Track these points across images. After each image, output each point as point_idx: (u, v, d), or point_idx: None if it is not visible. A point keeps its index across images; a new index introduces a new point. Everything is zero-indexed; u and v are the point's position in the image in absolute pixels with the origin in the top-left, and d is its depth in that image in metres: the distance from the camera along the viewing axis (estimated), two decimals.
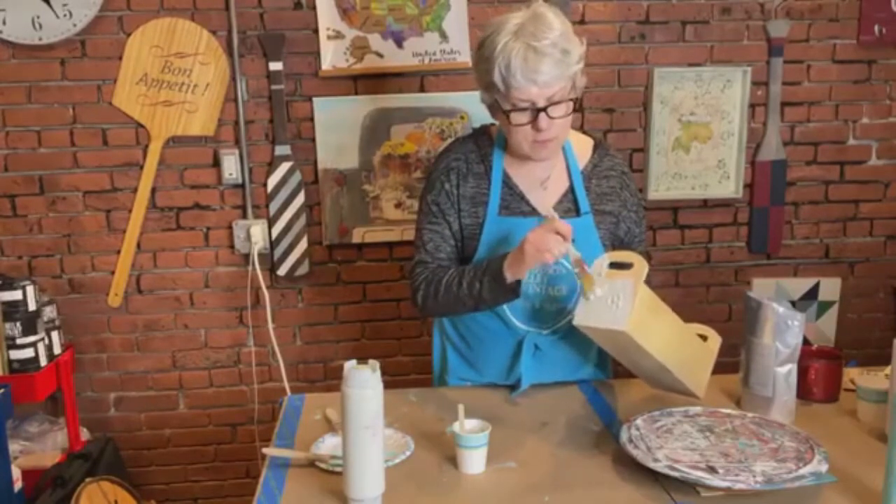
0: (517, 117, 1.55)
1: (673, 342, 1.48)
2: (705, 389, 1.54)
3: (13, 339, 2.34)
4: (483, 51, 1.57)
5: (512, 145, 1.64)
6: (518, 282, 1.54)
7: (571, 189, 1.69)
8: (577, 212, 1.68)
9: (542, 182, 1.69)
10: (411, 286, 1.72)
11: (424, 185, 1.76)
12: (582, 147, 1.74)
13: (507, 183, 1.68)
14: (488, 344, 1.76)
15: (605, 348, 1.63)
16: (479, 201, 1.69)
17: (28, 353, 2.36)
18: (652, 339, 1.44)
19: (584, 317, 1.48)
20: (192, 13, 2.53)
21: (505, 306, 1.68)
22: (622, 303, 1.41)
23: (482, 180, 1.69)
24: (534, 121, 1.54)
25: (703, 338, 1.58)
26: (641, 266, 1.45)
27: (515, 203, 1.68)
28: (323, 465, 1.38)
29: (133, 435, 2.76)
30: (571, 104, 1.57)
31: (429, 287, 1.67)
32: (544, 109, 1.53)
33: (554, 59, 1.49)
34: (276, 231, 2.66)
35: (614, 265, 1.50)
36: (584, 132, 1.83)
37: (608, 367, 1.86)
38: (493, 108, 1.62)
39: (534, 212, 1.67)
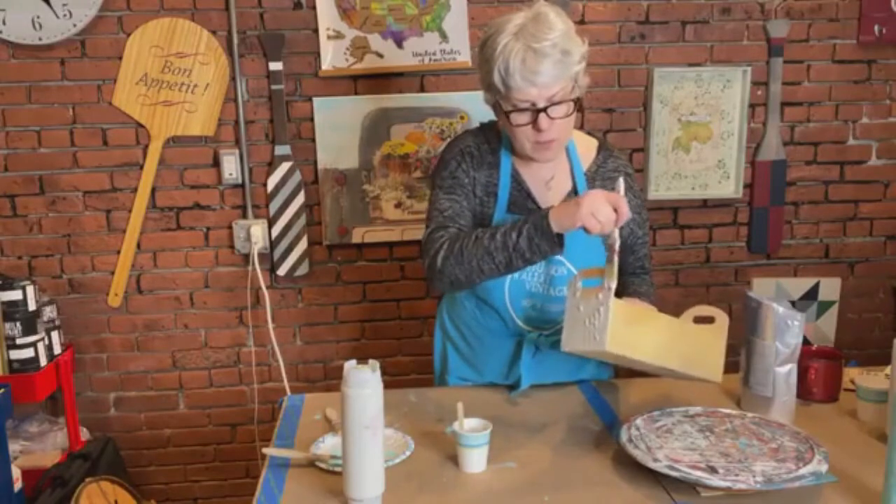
0: (517, 118, 1.55)
1: (665, 343, 1.46)
2: (721, 371, 1.51)
3: (13, 339, 2.34)
4: (484, 52, 1.57)
5: (515, 147, 1.64)
6: (562, 236, 1.46)
7: (575, 191, 1.69)
8: None
9: (547, 182, 1.69)
10: (428, 252, 1.59)
11: (436, 169, 1.72)
12: (586, 148, 1.73)
13: (516, 178, 1.68)
14: (489, 343, 1.76)
15: (607, 361, 1.62)
16: (491, 191, 1.68)
17: (28, 353, 2.36)
18: (640, 347, 1.42)
19: (568, 342, 1.45)
20: (192, 13, 2.53)
21: (508, 305, 1.68)
22: (598, 322, 1.38)
23: (493, 170, 1.68)
24: (534, 121, 1.54)
25: (711, 319, 1.55)
26: (610, 279, 1.39)
27: (522, 200, 1.68)
28: (323, 465, 1.38)
29: (133, 435, 2.76)
30: (573, 104, 1.56)
31: (453, 245, 1.55)
32: (544, 110, 1.52)
33: (553, 59, 1.49)
34: (276, 231, 2.66)
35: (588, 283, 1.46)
36: (588, 133, 1.82)
37: (609, 367, 1.86)
38: (496, 108, 1.62)
39: (538, 210, 1.67)
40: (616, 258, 1.41)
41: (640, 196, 1.78)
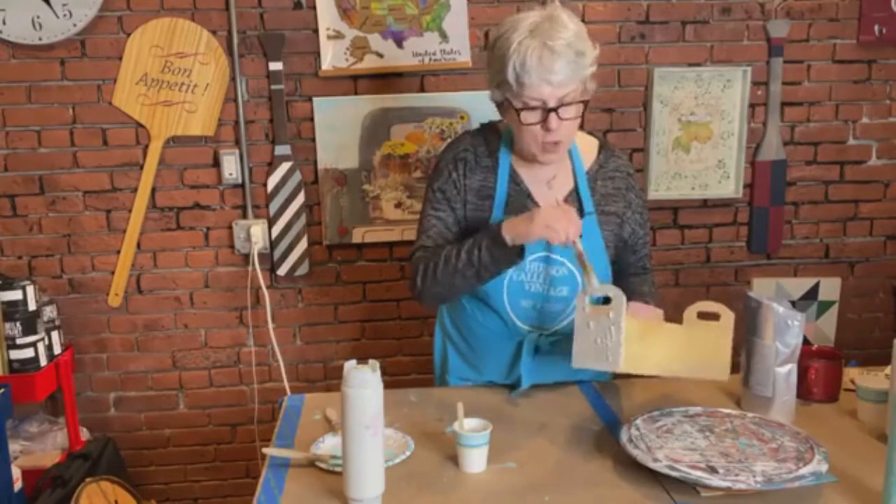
0: (528, 116, 1.55)
1: (673, 353, 1.48)
2: (728, 370, 1.51)
3: (13, 339, 2.34)
4: (497, 48, 1.56)
5: (520, 146, 1.64)
6: (521, 246, 1.52)
7: (576, 190, 1.69)
8: (581, 213, 1.68)
9: (548, 181, 1.69)
10: (411, 274, 1.69)
11: (431, 174, 1.75)
12: (587, 148, 1.74)
13: (514, 179, 1.68)
14: (489, 344, 1.76)
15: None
16: (486, 195, 1.68)
17: (28, 352, 2.36)
18: (650, 362, 1.44)
19: (580, 360, 1.46)
20: (192, 13, 2.53)
21: (507, 305, 1.68)
22: (610, 342, 1.40)
23: (490, 174, 1.69)
24: (544, 121, 1.55)
25: (716, 316, 1.55)
26: (619, 299, 1.41)
27: (521, 200, 1.68)
28: (323, 465, 1.38)
29: (133, 435, 2.76)
30: (581, 106, 1.57)
31: (427, 266, 1.63)
32: (555, 110, 1.53)
33: (568, 59, 1.50)
34: (276, 231, 2.66)
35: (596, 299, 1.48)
36: (589, 133, 1.83)
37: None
38: (503, 106, 1.62)
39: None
40: (587, 263, 1.48)
41: (641, 196, 1.78)
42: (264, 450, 1.45)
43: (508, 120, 1.63)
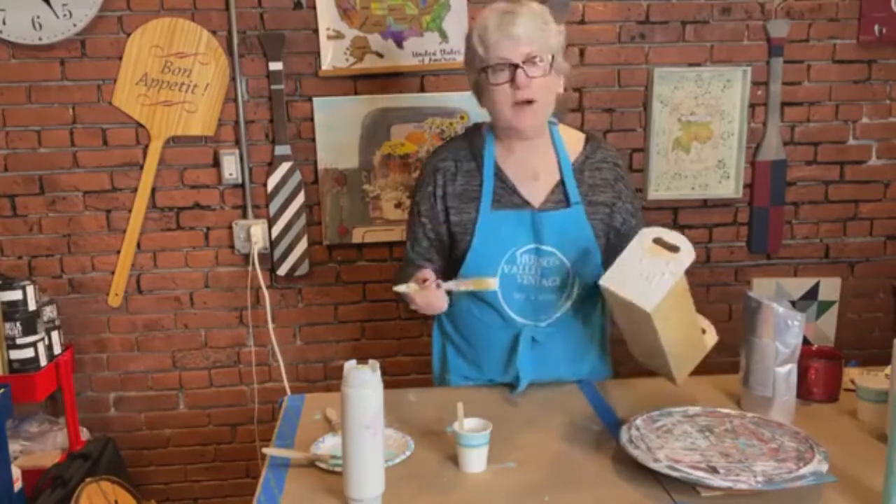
0: (496, 77, 1.60)
1: (683, 335, 1.50)
2: (685, 378, 1.57)
3: (13, 339, 2.34)
4: (467, 37, 1.67)
5: (496, 116, 1.67)
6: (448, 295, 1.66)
7: (562, 181, 1.71)
8: (567, 202, 1.70)
9: (534, 175, 1.71)
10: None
11: (416, 182, 1.82)
12: (573, 141, 1.77)
13: (499, 176, 1.71)
14: (486, 338, 1.77)
15: (615, 314, 1.60)
16: (470, 197, 1.71)
17: (28, 352, 2.36)
18: (668, 327, 1.44)
19: (612, 280, 1.44)
20: (192, 13, 2.53)
21: (500, 299, 1.70)
22: (655, 283, 1.39)
23: (473, 177, 1.72)
24: (512, 79, 1.59)
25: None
26: (687, 254, 1.43)
27: (507, 196, 1.70)
28: (323, 465, 1.38)
29: (133, 435, 2.76)
30: (556, 77, 1.64)
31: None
32: (521, 66, 1.58)
33: (528, 16, 1.59)
34: (276, 231, 2.66)
35: (660, 241, 1.47)
36: (581, 130, 1.83)
37: (608, 363, 1.87)
38: (478, 86, 1.67)
39: (525, 204, 1.69)
40: (470, 282, 1.62)
41: (630, 185, 1.80)
42: (264, 450, 1.45)
43: (483, 101, 1.68)
